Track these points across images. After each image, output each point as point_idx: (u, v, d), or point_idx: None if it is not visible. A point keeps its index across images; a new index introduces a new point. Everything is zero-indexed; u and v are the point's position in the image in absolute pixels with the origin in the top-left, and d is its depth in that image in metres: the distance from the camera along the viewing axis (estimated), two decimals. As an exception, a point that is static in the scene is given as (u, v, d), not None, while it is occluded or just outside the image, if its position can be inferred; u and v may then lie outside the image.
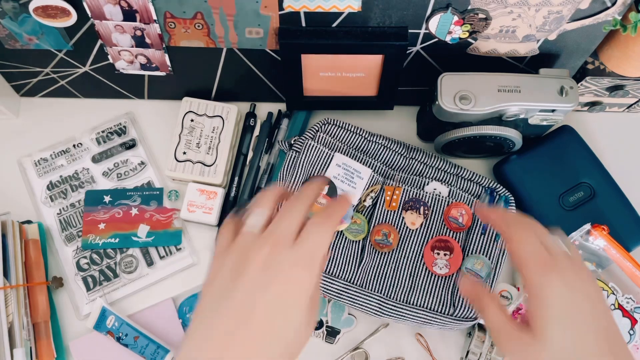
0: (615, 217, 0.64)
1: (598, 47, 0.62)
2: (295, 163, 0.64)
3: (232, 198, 0.68)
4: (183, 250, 0.67)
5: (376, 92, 0.67)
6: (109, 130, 0.71)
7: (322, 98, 0.68)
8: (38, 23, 0.57)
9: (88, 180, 0.69)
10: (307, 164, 0.63)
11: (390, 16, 0.56)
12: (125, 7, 0.55)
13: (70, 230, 0.67)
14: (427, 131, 0.67)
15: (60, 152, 0.70)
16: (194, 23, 0.57)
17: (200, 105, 0.69)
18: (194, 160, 0.67)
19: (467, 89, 0.58)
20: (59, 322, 0.64)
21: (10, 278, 0.60)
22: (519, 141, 0.63)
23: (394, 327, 0.65)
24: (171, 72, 0.66)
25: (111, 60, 0.64)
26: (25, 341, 0.59)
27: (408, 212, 0.62)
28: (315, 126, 0.65)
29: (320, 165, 0.64)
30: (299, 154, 0.64)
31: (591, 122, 0.72)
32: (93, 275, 0.66)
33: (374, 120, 0.72)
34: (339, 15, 0.56)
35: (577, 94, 0.58)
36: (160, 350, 0.62)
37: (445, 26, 0.57)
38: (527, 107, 0.58)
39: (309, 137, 0.64)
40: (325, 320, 0.65)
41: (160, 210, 0.68)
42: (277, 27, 0.57)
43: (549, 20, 0.56)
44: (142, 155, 0.70)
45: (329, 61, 0.62)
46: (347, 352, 0.64)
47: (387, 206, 0.62)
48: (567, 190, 0.65)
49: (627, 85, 0.65)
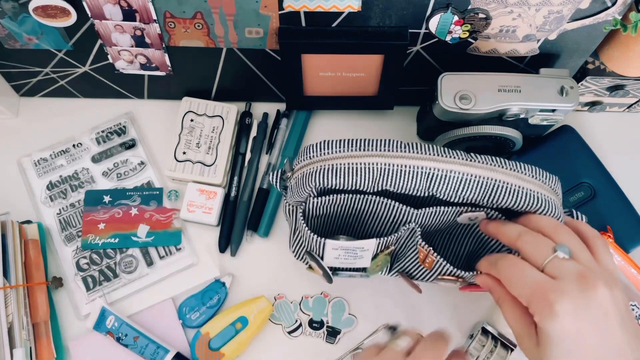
0: (615, 217, 0.64)
1: (598, 47, 0.62)
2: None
3: (232, 198, 0.68)
4: (183, 250, 0.67)
5: (376, 91, 0.67)
6: (109, 130, 0.71)
7: (322, 98, 0.68)
8: (38, 23, 0.57)
9: (88, 180, 0.69)
10: (303, 242, 0.57)
11: (391, 16, 0.56)
12: (125, 6, 0.55)
13: (70, 230, 0.67)
14: (427, 131, 0.67)
15: (60, 152, 0.70)
16: (194, 23, 0.57)
17: (200, 105, 0.69)
18: (194, 160, 0.67)
19: (467, 88, 0.58)
20: (58, 322, 0.64)
21: (10, 278, 0.60)
22: (519, 141, 0.63)
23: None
24: (171, 72, 0.66)
25: (111, 60, 0.64)
26: (25, 341, 0.59)
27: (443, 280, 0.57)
28: (307, 187, 0.50)
29: (315, 249, 0.55)
30: (293, 223, 0.56)
31: (591, 122, 0.72)
32: (93, 276, 0.66)
33: (374, 120, 0.72)
34: (339, 15, 0.56)
35: (577, 94, 0.58)
36: (160, 350, 0.62)
37: (445, 26, 0.57)
38: (527, 107, 0.58)
39: (297, 205, 0.53)
40: (326, 321, 0.65)
41: (160, 210, 0.68)
42: (277, 27, 0.57)
43: (549, 20, 0.56)
44: (142, 155, 0.70)
45: (329, 61, 0.61)
46: (348, 352, 0.64)
47: (421, 262, 0.56)
48: (568, 190, 0.65)
49: (627, 85, 0.65)
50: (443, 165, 0.48)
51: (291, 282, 0.66)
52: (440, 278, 0.56)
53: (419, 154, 0.49)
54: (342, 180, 0.48)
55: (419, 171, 0.48)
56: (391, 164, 0.48)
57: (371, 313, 0.65)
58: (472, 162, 0.49)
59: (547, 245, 0.45)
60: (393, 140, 0.50)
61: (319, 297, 0.66)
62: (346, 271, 0.61)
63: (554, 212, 0.49)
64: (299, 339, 0.65)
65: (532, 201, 0.48)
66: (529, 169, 0.50)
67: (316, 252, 0.56)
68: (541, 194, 0.49)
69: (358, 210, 0.55)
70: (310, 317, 0.65)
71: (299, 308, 0.65)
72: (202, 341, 0.62)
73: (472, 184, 0.48)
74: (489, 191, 0.48)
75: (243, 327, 0.62)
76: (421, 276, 0.59)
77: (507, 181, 0.48)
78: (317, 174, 0.49)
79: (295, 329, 0.65)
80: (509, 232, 0.48)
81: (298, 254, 0.60)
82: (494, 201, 0.48)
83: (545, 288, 0.42)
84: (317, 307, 0.65)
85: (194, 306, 0.64)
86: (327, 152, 0.50)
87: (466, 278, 0.54)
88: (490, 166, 0.49)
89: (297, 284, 0.66)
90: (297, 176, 0.51)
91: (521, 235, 0.47)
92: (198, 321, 0.64)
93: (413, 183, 0.48)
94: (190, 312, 0.64)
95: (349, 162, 0.49)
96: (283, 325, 0.65)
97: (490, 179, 0.48)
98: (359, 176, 0.48)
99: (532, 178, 0.49)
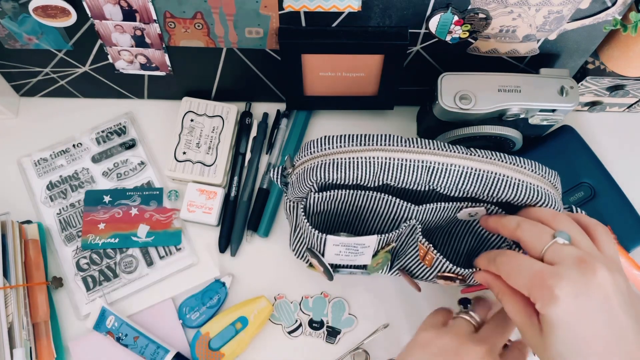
0: (616, 217, 0.64)
1: (598, 47, 0.62)
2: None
3: (232, 198, 0.68)
4: (183, 250, 0.67)
5: (376, 91, 0.67)
6: (109, 130, 0.71)
7: (322, 98, 0.68)
8: (38, 23, 0.57)
9: (88, 180, 0.69)
10: (304, 238, 0.57)
11: (391, 16, 0.56)
12: (125, 6, 0.55)
13: (70, 230, 0.67)
14: (427, 131, 0.67)
15: (60, 152, 0.70)
16: (194, 23, 0.57)
17: (200, 105, 0.69)
18: (194, 160, 0.67)
19: (467, 88, 0.58)
20: (58, 322, 0.64)
21: (10, 278, 0.60)
22: (519, 141, 0.63)
23: (394, 327, 0.65)
24: (171, 71, 0.66)
25: (111, 60, 0.64)
26: (25, 341, 0.59)
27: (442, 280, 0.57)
28: (308, 183, 0.50)
29: (316, 246, 0.55)
30: (293, 220, 0.56)
31: (591, 122, 0.72)
32: (93, 276, 0.66)
33: (374, 120, 0.72)
34: (339, 15, 0.56)
35: (577, 94, 0.58)
36: (160, 350, 0.62)
37: (445, 26, 0.57)
38: (527, 107, 0.58)
39: (298, 199, 0.53)
40: (326, 321, 0.65)
41: (160, 210, 0.68)
42: (277, 27, 0.57)
43: (549, 20, 0.56)
44: (142, 155, 0.70)
45: (329, 61, 0.61)
46: (348, 352, 0.64)
47: (421, 260, 0.56)
48: (568, 190, 0.65)
49: (628, 85, 0.65)
50: (443, 159, 0.49)
51: (291, 282, 0.66)
52: (440, 276, 0.56)
53: (419, 148, 0.49)
54: (343, 174, 0.48)
55: (419, 165, 0.49)
56: (392, 158, 0.49)
57: (371, 313, 0.65)
58: (472, 156, 0.49)
59: (546, 233, 0.45)
60: (394, 135, 0.50)
61: (319, 297, 0.66)
62: (347, 268, 0.61)
63: (554, 205, 0.49)
64: (299, 339, 0.65)
65: (532, 194, 0.48)
66: (529, 163, 0.50)
67: (317, 248, 0.56)
68: (541, 187, 0.49)
69: (359, 206, 0.55)
70: (310, 317, 0.65)
71: (299, 308, 0.65)
72: (202, 341, 0.62)
73: (472, 177, 0.48)
74: (489, 184, 0.48)
75: (243, 327, 0.62)
76: (421, 274, 0.59)
77: (507, 174, 0.49)
78: (319, 169, 0.49)
79: (295, 329, 0.65)
80: (508, 223, 0.49)
81: (298, 251, 0.60)
82: (494, 194, 0.48)
83: (544, 274, 0.42)
84: (317, 307, 0.65)
85: (194, 306, 0.64)
86: (328, 147, 0.50)
87: (465, 276, 0.54)
88: (490, 160, 0.49)
89: (297, 284, 0.66)
90: (298, 172, 0.51)
91: (520, 225, 0.47)
92: (198, 321, 0.64)
93: (414, 177, 0.48)
94: (190, 312, 0.64)
95: (350, 156, 0.49)
96: (283, 325, 0.65)
97: (490, 172, 0.49)
98: (360, 170, 0.48)
99: (532, 172, 0.49)
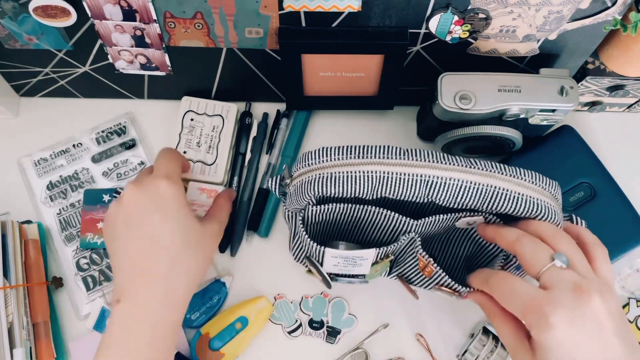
0: (616, 217, 0.64)
1: (598, 47, 0.62)
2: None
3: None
4: (183, 250, 0.67)
5: (376, 91, 0.67)
6: (109, 130, 0.71)
7: (322, 98, 0.68)
8: (38, 23, 0.57)
9: (88, 180, 0.69)
10: (303, 247, 0.56)
11: (391, 16, 0.56)
12: (125, 6, 0.55)
13: (70, 230, 0.67)
14: (427, 131, 0.67)
15: (60, 152, 0.70)
16: (194, 23, 0.57)
17: (200, 104, 0.69)
18: (195, 160, 0.67)
19: (467, 88, 0.58)
20: (58, 322, 0.64)
21: (10, 278, 0.60)
22: (519, 141, 0.63)
23: (394, 327, 0.65)
24: (171, 71, 0.66)
25: (111, 60, 0.64)
26: (25, 341, 0.59)
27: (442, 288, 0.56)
28: (306, 196, 0.50)
29: (314, 255, 0.56)
30: (292, 231, 0.57)
31: (591, 122, 0.72)
32: (93, 275, 0.66)
33: (374, 120, 0.72)
34: (339, 15, 0.56)
35: (577, 94, 0.58)
36: (160, 350, 0.62)
37: (445, 26, 0.57)
38: (527, 107, 0.58)
39: (297, 212, 0.53)
40: (326, 321, 0.65)
41: (160, 210, 0.68)
42: (277, 27, 0.57)
43: (549, 20, 0.56)
44: (142, 155, 0.70)
45: (329, 61, 0.61)
46: (348, 352, 0.64)
47: (421, 270, 0.56)
48: (567, 190, 0.65)
49: (628, 85, 0.65)
50: (442, 173, 0.48)
51: (291, 282, 0.66)
52: (437, 288, 0.56)
53: (417, 161, 0.49)
54: (341, 188, 0.48)
55: (418, 179, 0.48)
56: (390, 172, 0.48)
57: (371, 313, 0.65)
58: (471, 169, 0.49)
59: (545, 252, 0.45)
60: (391, 147, 0.49)
61: (319, 297, 0.66)
62: (345, 277, 0.61)
63: (554, 218, 0.48)
64: (299, 339, 0.65)
65: (532, 207, 0.48)
66: (529, 175, 0.49)
67: (315, 258, 0.56)
68: (541, 200, 0.49)
69: (357, 219, 0.55)
70: (310, 317, 0.65)
71: (299, 308, 0.65)
72: (202, 341, 0.62)
73: (472, 191, 0.48)
74: (489, 198, 0.48)
75: (243, 327, 0.62)
76: (419, 282, 0.59)
77: (506, 187, 0.48)
78: (316, 183, 0.49)
79: (295, 329, 0.65)
80: (507, 235, 0.48)
81: (298, 257, 0.60)
82: (493, 207, 0.48)
83: (540, 301, 0.42)
84: (317, 307, 0.65)
85: (194, 306, 0.64)
86: (326, 159, 0.50)
87: (462, 293, 0.54)
88: (489, 172, 0.49)
89: (297, 284, 0.66)
90: (295, 183, 0.51)
91: (519, 239, 0.47)
92: (198, 321, 0.64)
93: (412, 191, 0.48)
94: (190, 312, 0.64)
95: (348, 170, 0.49)
96: (283, 325, 0.65)
97: (490, 186, 0.48)
98: (357, 184, 0.48)
99: (532, 184, 0.49)
